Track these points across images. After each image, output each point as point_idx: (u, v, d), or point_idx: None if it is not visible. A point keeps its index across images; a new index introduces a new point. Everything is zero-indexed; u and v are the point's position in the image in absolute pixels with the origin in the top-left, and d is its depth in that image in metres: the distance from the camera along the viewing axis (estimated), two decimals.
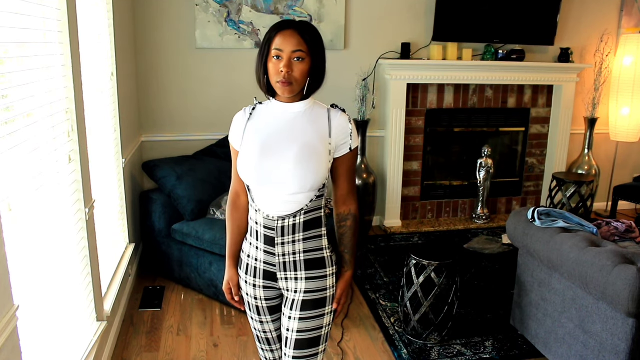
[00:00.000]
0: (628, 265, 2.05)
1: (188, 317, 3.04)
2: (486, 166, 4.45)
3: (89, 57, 2.48)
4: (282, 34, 1.45)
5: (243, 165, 1.54)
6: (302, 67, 1.47)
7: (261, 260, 1.60)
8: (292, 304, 1.60)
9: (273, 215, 1.54)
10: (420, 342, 2.78)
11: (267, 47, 1.48)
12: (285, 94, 1.49)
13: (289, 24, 1.47)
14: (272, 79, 1.49)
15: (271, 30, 1.48)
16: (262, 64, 1.50)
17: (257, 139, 1.54)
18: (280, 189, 1.50)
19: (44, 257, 1.78)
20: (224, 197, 3.43)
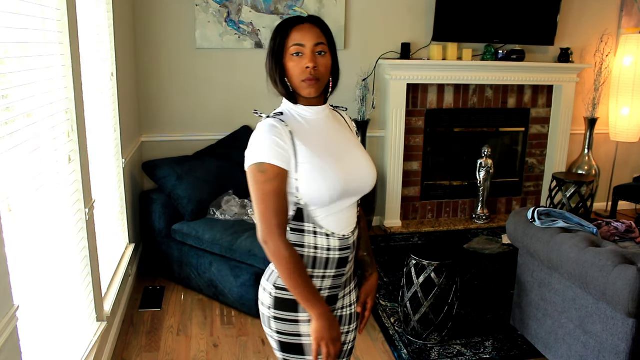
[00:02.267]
0: (628, 266, 2.05)
1: (188, 317, 3.04)
2: (486, 166, 4.45)
3: (89, 57, 2.48)
4: (300, 29, 1.33)
5: (324, 183, 1.31)
6: (326, 62, 1.35)
7: (327, 287, 1.43)
8: (349, 318, 1.52)
9: (347, 232, 1.40)
10: (420, 342, 2.78)
11: (282, 45, 1.34)
12: (312, 93, 1.36)
13: (302, 18, 1.36)
14: (295, 79, 1.35)
15: (284, 27, 1.35)
16: (277, 65, 1.36)
17: (321, 149, 1.35)
18: (358, 195, 1.42)
19: (44, 258, 1.78)
20: (224, 197, 3.43)
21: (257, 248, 2.95)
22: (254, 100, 4.10)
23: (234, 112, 4.08)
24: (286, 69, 1.36)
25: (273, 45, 1.37)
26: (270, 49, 1.37)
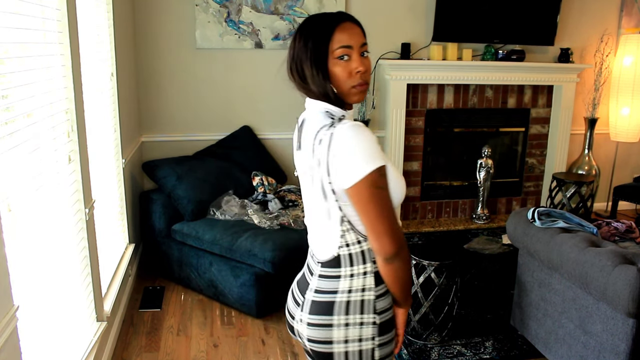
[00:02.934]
0: (628, 266, 2.05)
1: (188, 317, 3.04)
2: (486, 166, 4.44)
3: (89, 57, 2.48)
4: (344, 28, 1.20)
5: (397, 184, 1.22)
6: (370, 63, 1.24)
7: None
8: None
9: None
10: (420, 343, 2.78)
11: (324, 47, 1.20)
12: (361, 99, 1.24)
13: (339, 16, 1.23)
14: (344, 85, 1.21)
15: (324, 27, 1.20)
16: (320, 70, 1.21)
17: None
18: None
19: (44, 258, 1.78)
20: (224, 197, 3.43)
21: (257, 248, 2.95)
22: (253, 100, 4.10)
23: (234, 112, 4.08)
24: (330, 74, 1.21)
25: (312, 49, 1.20)
26: (310, 54, 1.21)
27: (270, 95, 4.10)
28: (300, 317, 1.33)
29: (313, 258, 1.36)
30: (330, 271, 1.29)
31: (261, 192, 3.57)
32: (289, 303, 1.42)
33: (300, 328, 1.34)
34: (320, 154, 1.18)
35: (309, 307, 1.31)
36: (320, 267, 1.31)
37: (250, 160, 3.88)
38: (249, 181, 3.67)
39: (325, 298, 1.29)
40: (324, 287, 1.30)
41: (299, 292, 1.38)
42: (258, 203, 3.49)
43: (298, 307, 1.35)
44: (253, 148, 4.01)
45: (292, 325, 1.40)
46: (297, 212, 3.35)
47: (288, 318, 1.42)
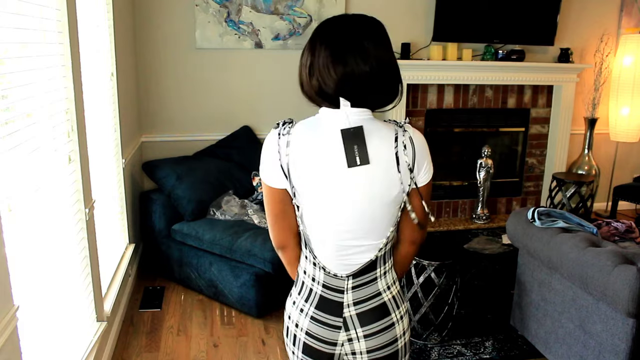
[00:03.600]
0: (628, 266, 2.05)
1: (188, 317, 3.04)
2: (486, 166, 4.45)
3: (89, 57, 2.48)
4: None
5: None
6: None
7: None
8: None
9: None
10: (420, 342, 2.78)
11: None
12: None
13: None
14: None
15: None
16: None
17: None
18: None
19: (44, 258, 1.78)
20: (223, 197, 3.43)
21: (257, 248, 2.95)
22: (253, 100, 4.10)
23: (234, 112, 4.08)
24: None
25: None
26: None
27: (270, 95, 4.10)
28: (350, 337, 1.29)
29: (336, 277, 1.29)
30: (365, 278, 1.29)
31: (261, 192, 3.57)
32: (316, 331, 1.31)
33: (350, 348, 1.30)
34: (408, 157, 1.22)
35: (357, 321, 1.29)
36: (352, 280, 1.29)
37: (250, 160, 3.88)
38: (249, 181, 3.67)
39: (374, 304, 1.30)
40: (363, 295, 1.29)
41: (328, 315, 1.30)
42: (258, 203, 3.49)
43: (339, 330, 1.30)
44: (253, 148, 4.00)
45: (330, 352, 1.31)
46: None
47: (321, 347, 1.31)
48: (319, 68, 1.18)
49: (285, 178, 1.22)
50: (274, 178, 1.25)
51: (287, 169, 1.21)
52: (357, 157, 1.18)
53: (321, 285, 1.31)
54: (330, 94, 1.19)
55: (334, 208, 1.23)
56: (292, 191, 1.24)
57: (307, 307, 1.32)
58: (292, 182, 1.22)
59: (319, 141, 1.21)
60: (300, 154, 1.20)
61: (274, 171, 1.24)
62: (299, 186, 1.22)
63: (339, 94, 1.18)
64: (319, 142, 1.21)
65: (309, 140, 1.21)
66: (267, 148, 1.24)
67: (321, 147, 1.20)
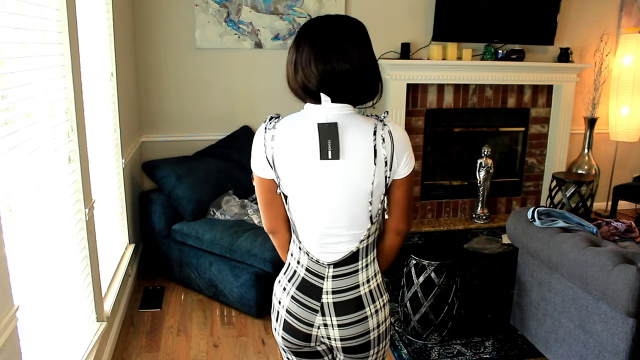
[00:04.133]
0: (628, 265, 2.05)
1: (188, 317, 3.04)
2: (486, 166, 4.45)
3: (89, 57, 2.48)
4: None
5: None
6: None
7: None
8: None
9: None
10: (420, 342, 2.78)
11: None
12: None
13: None
14: None
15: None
16: None
17: None
18: None
19: (44, 258, 1.78)
20: (223, 197, 3.43)
21: (257, 248, 2.95)
22: (253, 100, 4.10)
23: (233, 112, 4.08)
24: None
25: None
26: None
27: (270, 95, 4.10)
28: (324, 322, 1.36)
29: (318, 263, 1.36)
30: (346, 269, 1.35)
31: None
32: (295, 310, 1.38)
33: (324, 332, 1.37)
34: (386, 150, 1.26)
35: (332, 310, 1.35)
36: (333, 269, 1.35)
37: (250, 160, 3.87)
38: (249, 181, 3.67)
39: (350, 295, 1.35)
40: (342, 286, 1.35)
41: (308, 297, 1.37)
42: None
43: (316, 312, 1.36)
44: None
45: (307, 332, 1.38)
46: None
47: (298, 326, 1.38)
48: (302, 65, 1.24)
49: (271, 169, 1.31)
50: (261, 169, 1.34)
51: (272, 160, 1.30)
52: (329, 151, 1.25)
53: (304, 269, 1.38)
54: (313, 90, 1.25)
55: (315, 198, 1.30)
56: (278, 181, 1.33)
57: (290, 286, 1.40)
58: (277, 173, 1.31)
59: (300, 134, 1.28)
60: (283, 147, 1.28)
61: (262, 162, 1.33)
62: (283, 176, 1.31)
63: (321, 90, 1.25)
64: (300, 135, 1.28)
65: (291, 134, 1.29)
66: (256, 141, 1.34)
67: (301, 140, 1.28)
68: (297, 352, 1.45)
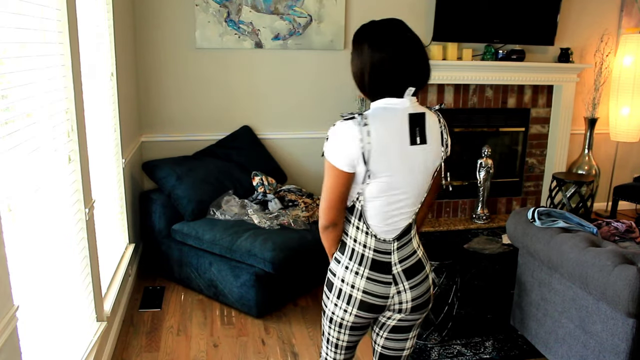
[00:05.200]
0: (628, 265, 2.05)
1: (188, 317, 3.04)
2: (486, 166, 4.44)
3: (89, 57, 2.48)
4: None
5: None
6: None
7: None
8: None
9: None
10: (420, 342, 2.78)
11: None
12: None
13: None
14: None
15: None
16: None
17: None
18: None
19: (43, 258, 1.78)
20: (223, 197, 3.43)
21: (257, 248, 2.95)
22: (253, 100, 4.10)
23: (234, 112, 4.08)
24: None
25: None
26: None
27: (270, 95, 4.10)
28: (398, 290, 1.54)
29: (385, 241, 1.52)
30: (405, 240, 1.55)
31: (261, 192, 3.57)
32: (373, 289, 1.53)
33: (397, 299, 1.55)
34: (446, 134, 1.54)
35: (403, 276, 1.54)
36: (397, 242, 1.54)
37: (250, 160, 3.88)
38: (249, 181, 3.67)
39: (412, 261, 1.56)
40: (404, 255, 1.55)
41: (381, 274, 1.53)
42: (258, 203, 3.49)
43: (389, 285, 1.53)
44: (253, 148, 4.01)
45: (382, 304, 1.55)
46: (297, 212, 3.35)
47: (376, 301, 1.54)
48: (387, 64, 1.43)
49: (362, 163, 1.41)
50: (349, 164, 1.42)
51: (367, 154, 1.40)
52: (417, 137, 1.45)
53: (372, 250, 1.53)
54: (399, 85, 1.44)
55: (398, 182, 1.46)
56: (365, 174, 1.43)
57: (362, 269, 1.53)
58: (368, 166, 1.41)
59: (392, 127, 1.44)
60: (379, 140, 1.41)
61: (351, 158, 1.41)
62: (375, 167, 1.42)
63: (408, 84, 1.45)
64: (392, 127, 1.44)
65: (385, 127, 1.42)
66: (347, 137, 1.40)
67: (394, 131, 1.44)
68: (355, 327, 1.60)
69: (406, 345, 1.67)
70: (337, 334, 1.63)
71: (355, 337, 1.64)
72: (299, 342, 2.81)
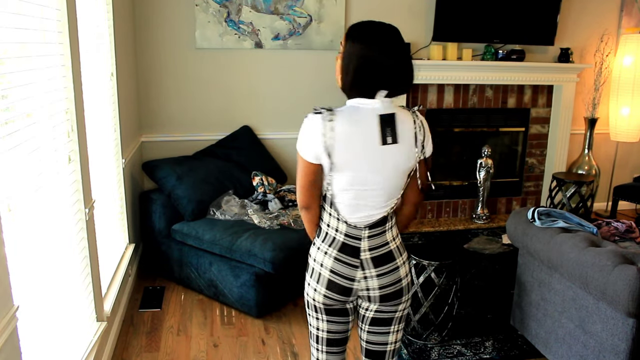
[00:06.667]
0: (628, 265, 2.05)
1: (188, 317, 3.04)
2: (486, 166, 4.44)
3: (89, 57, 2.48)
4: None
5: None
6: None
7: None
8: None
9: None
10: (420, 342, 2.78)
11: None
12: None
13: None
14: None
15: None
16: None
17: None
18: None
19: (43, 258, 1.78)
20: (223, 197, 3.43)
21: (257, 248, 2.95)
22: (253, 100, 4.10)
23: (234, 112, 4.08)
24: None
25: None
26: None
27: (270, 95, 4.10)
28: (364, 275, 1.60)
29: (356, 227, 1.59)
30: (378, 230, 1.60)
31: (261, 192, 3.57)
32: (339, 269, 1.60)
33: (363, 284, 1.61)
34: (420, 136, 1.58)
35: (371, 263, 1.59)
36: (368, 230, 1.59)
37: (250, 160, 3.88)
38: (249, 181, 3.67)
39: (383, 250, 1.61)
40: (375, 243, 1.60)
41: (348, 257, 1.59)
42: (258, 203, 3.49)
43: (356, 268, 1.59)
44: (253, 148, 4.01)
45: (348, 287, 1.61)
46: (297, 212, 3.35)
47: (342, 282, 1.61)
48: (360, 65, 1.47)
49: (326, 156, 1.49)
50: (313, 155, 1.51)
51: (329, 148, 1.47)
52: (388, 137, 1.51)
53: (343, 235, 1.60)
54: (370, 86, 1.49)
55: (367, 178, 1.52)
56: (330, 166, 1.50)
57: (331, 250, 1.61)
58: (331, 159, 1.49)
59: (359, 125, 1.50)
60: (342, 136, 1.48)
61: (315, 150, 1.49)
62: (339, 161, 1.49)
63: (379, 86, 1.49)
64: (359, 125, 1.50)
65: (351, 124, 1.49)
66: (311, 130, 1.49)
67: (361, 129, 1.50)
68: (329, 310, 1.65)
69: (389, 339, 1.69)
70: (316, 322, 1.69)
71: (333, 326, 1.68)
72: (299, 342, 2.81)
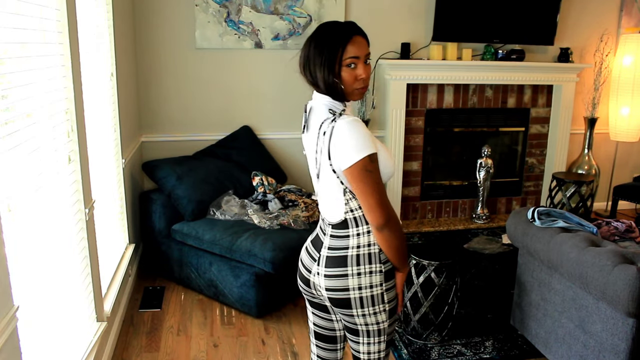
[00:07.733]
0: (628, 265, 2.05)
1: (188, 317, 3.04)
2: (486, 166, 4.45)
3: (89, 57, 2.48)
4: (354, 41, 1.46)
5: (387, 163, 1.51)
6: (370, 69, 1.54)
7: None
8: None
9: None
10: (420, 342, 2.78)
11: (337, 56, 1.46)
12: (360, 98, 1.55)
13: (352, 29, 1.48)
14: (348, 87, 1.50)
15: (338, 42, 1.46)
16: (331, 73, 1.47)
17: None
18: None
19: (43, 258, 1.78)
20: (223, 197, 3.43)
21: (257, 248, 2.95)
22: (253, 100, 4.10)
23: (233, 112, 4.08)
24: (340, 77, 1.49)
25: (327, 57, 1.46)
26: (324, 61, 1.46)
27: (270, 95, 4.10)
28: (317, 271, 1.58)
29: (324, 220, 1.61)
30: (340, 232, 1.55)
31: (261, 192, 3.57)
32: (304, 258, 1.66)
33: (317, 280, 1.60)
34: (323, 143, 1.47)
35: (324, 261, 1.56)
36: (331, 229, 1.57)
37: (250, 160, 3.88)
38: (249, 181, 3.67)
39: (338, 253, 1.55)
40: (335, 244, 1.56)
41: (314, 249, 1.62)
42: (258, 203, 3.49)
43: (314, 262, 1.60)
44: (253, 148, 4.01)
45: (307, 278, 1.63)
46: (297, 212, 3.35)
47: (303, 271, 1.65)
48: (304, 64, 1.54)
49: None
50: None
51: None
52: (305, 124, 1.55)
53: (319, 226, 1.65)
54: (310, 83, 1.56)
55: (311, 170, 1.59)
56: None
57: (307, 241, 1.67)
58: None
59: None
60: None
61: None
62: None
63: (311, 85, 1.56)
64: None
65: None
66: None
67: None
68: (310, 302, 1.71)
69: (360, 349, 1.61)
70: (308, 312, 1.76)
71: (317, 320, 1.73)
72: (299, 342, 2.81)
